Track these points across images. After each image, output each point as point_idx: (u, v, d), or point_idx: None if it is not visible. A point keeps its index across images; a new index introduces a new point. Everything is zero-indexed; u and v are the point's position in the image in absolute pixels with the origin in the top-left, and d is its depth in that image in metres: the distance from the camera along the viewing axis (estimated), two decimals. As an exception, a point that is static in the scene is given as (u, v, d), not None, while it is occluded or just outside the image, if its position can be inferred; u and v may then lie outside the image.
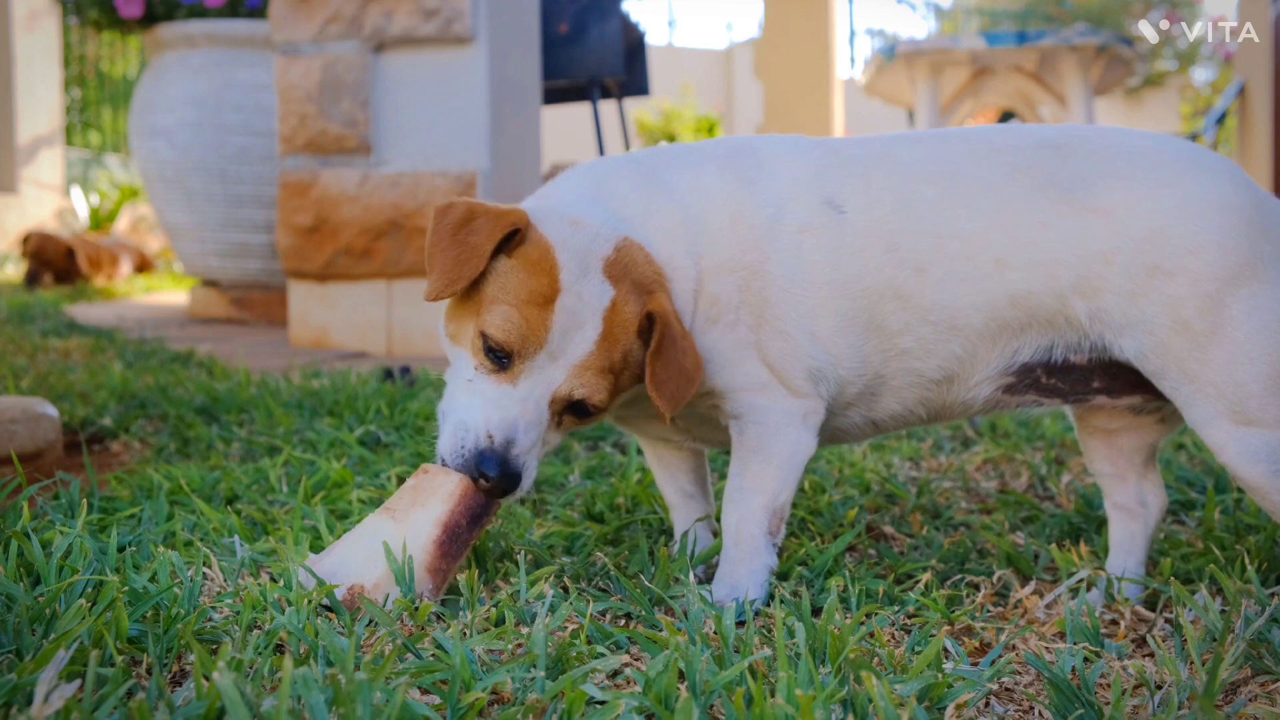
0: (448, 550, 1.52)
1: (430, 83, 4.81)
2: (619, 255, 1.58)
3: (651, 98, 8.07)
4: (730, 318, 1.66)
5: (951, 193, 1.63)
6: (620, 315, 1.56)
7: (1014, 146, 1.65)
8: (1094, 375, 1.65)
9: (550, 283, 1.54)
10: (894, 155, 1.69)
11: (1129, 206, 1.56)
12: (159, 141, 5.96)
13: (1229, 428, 1.54)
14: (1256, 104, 8.25)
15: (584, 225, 1.59)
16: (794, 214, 1.66)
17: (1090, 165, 1.60)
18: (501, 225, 1.54)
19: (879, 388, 1.71)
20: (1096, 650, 1.43)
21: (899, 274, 1.63)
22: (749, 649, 1.33)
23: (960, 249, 1.62)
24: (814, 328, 1.65)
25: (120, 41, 14.00)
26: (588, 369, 1.55)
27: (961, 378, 1.68)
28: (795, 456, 1.68)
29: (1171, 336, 1.53)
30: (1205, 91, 18.02)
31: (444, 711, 1.19)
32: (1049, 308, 1.60)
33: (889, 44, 7.78)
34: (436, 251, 1.56)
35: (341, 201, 4.86)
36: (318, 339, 5.02)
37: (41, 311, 6.12)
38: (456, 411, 1.57)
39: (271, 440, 2.64)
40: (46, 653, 1.19)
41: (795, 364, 1.66)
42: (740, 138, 1.79)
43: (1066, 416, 3.07)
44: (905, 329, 1.65)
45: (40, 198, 12.00)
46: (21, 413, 2.38)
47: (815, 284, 1.64)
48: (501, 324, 1.52)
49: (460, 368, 1.59)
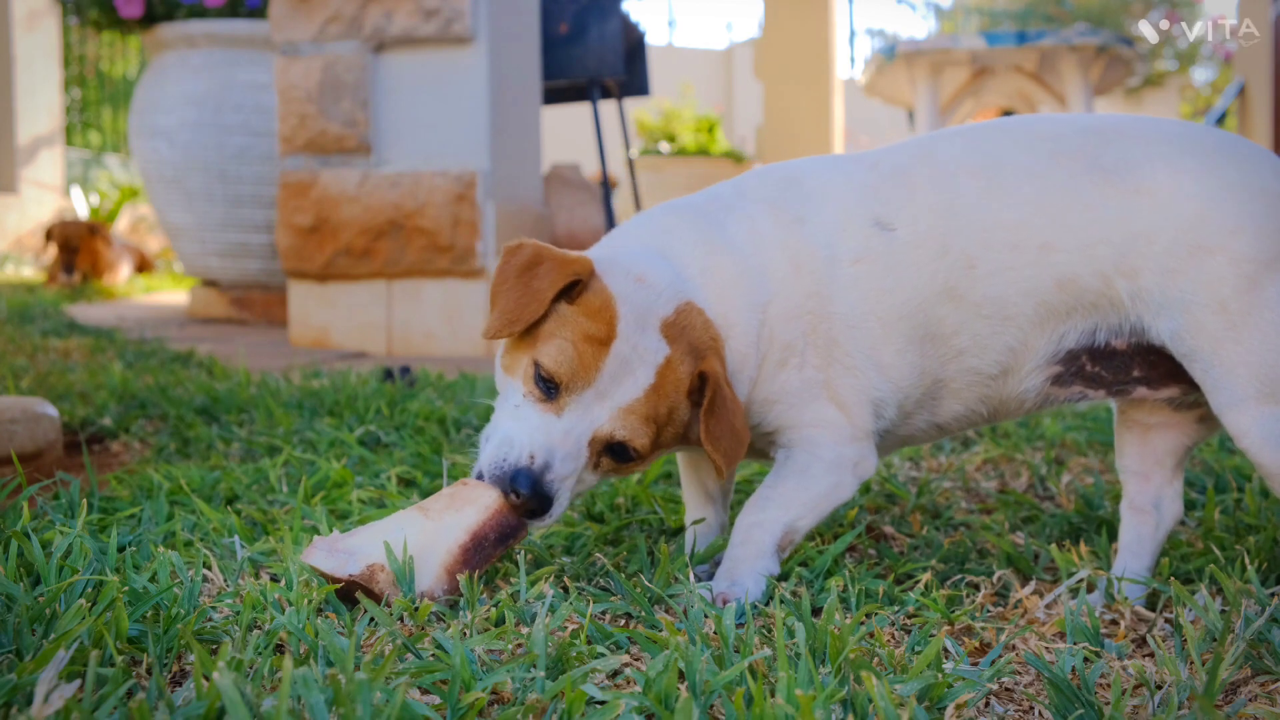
0: (470, 558, 1.53)
1: (430, 83, 4.80)
2: (678, 317, 1.61)
3: (651, 98, 8.07)
4: (798, 360, 1.69)
5: (994, 184, 1.66)
6: (673, 372, 1.59)
7: (1056, 133, 1.68)
8: (1134, 363, 1.67)
9: (608, 329, 1.57)
10: (934, 155, 1.71)
11: (1173, 188, 1.58)
12: (159, 141, 5.95)
13: (1255, 410, 1.55)
14: (1256, 104, 8.25)
15: (648, 283, 1.61)
16: (847, 247, 1.69)
17: (1135, 149, 1.63)
18: (565, 273, 1.57)
19: (939, 391, 1.74)
20: (1096, 650, 1.43)
21: (951, 276, 1.66)
22: (749, 649, 1.33)
23: (1007, 238, 1.64)
24: (879, 358, 1.69)
25: (120, 41, 14.00)
26: (633, 414, 1.58)
27: (1015, 369, 1.70)
28: (831, 495, 1.72)
29: (1208, 315, 1.55)
30: (1205, 91, 18.03)
31: (444, 711, 1.19)
32: (1094, 289, 1.63)
33: (889, 44, 7.78)
34: (500, 290, 1.59)
35: (341, 201, 4.86)
36: (318, 339, 5.02)
37: (41, 311, 6.12)
38: (502, 431, 1.60)
39: (271, 440, 2.65)
40: (46, 653, 1.19)
41: (861, 397, 1.70)
42: (784, 167, 1.81)
43: (1066, 417, 3.08)
44: (960, 329, 1.68)
45: (40, 198, 12.00)
46: (21, 413, 2.38)
47: (877, 314, 1.68)
48: (555, 354, 1.56)
49: (509, 395, 1.63)
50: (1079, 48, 7.37)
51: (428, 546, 1.54)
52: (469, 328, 4.82)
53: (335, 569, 1.51)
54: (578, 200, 6.39)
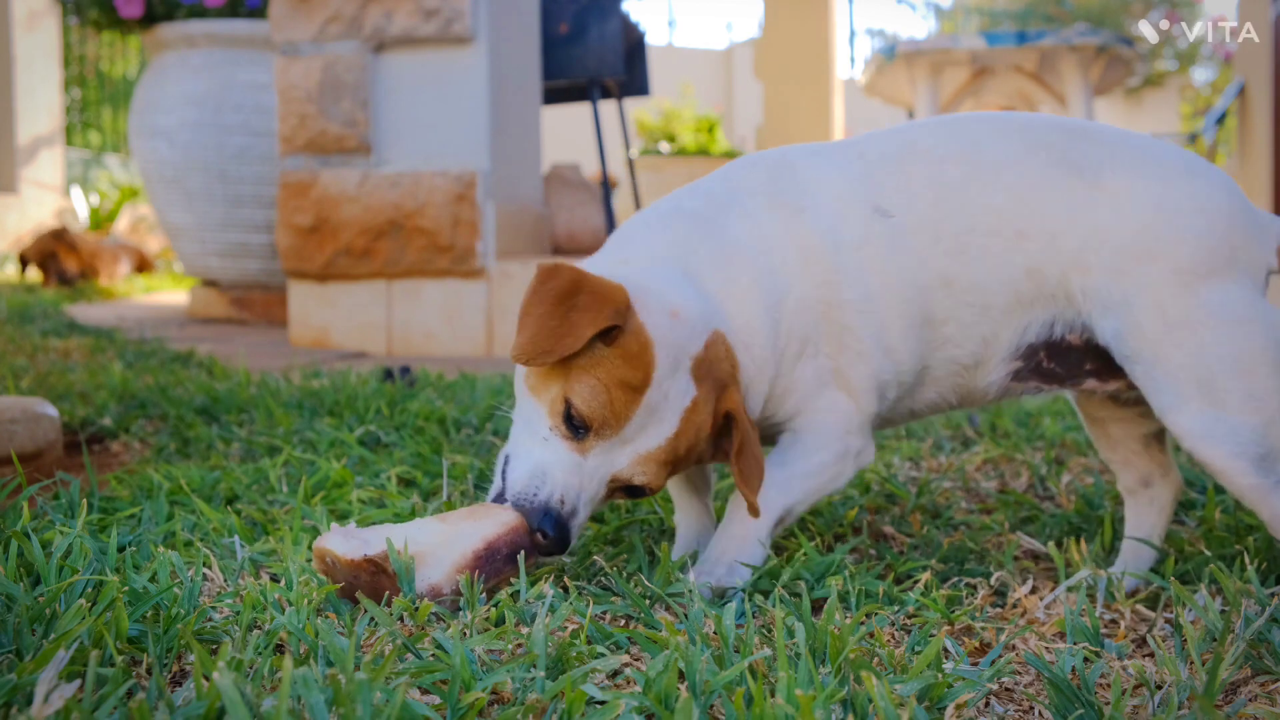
0: (481, 565, 1.54)
1: (430, 83, 4.81)
2: (707, 353, 1.61)
3: (651, 98, 8.07)
4: (813, 349, 1.71)
5: (976, 170, 1.70)
6: (698, 415, 1.60)
7: (1032, 124, 1.74)
8: (1086, 357, 1.72)
9: (644, 377, 1.56)
10: (917, 144, 1.74)
11: (1130, 192, 1.64)
12: (159, 141, 5.95)
13: (1195, 412, 1.60)
14: (1256, 104, 8.25)
15: (682, 318, 1.61)
16: (850, 233, 1.70)
17: (1100, 150, 1.68)
18: (606, 313, 1.54)
19: (924, 378, 1.77)
20: (1096, 650, 1.43)
21: (944, 262, 1.69)
22: (749, 649, 1.33)
23: (989, 223, 1.68)
24: (887, 341, 1.72)
25: (120, 41, 14.00)
26: (653, 460, 1.59)
27: (985, 361, 1.75)
28: (832, 484, 1.75)
29: (1147, 317, 1.61)
30: (1205, 91, 18.02)
31: (444, 711, 1.19)
32: (1053, 280, 1.67)
33: (889, 44, 7.78)
34: (533, 314, 1.54)
35: (341, 201, 4.86)
36: (318, 339, 5.02)
37: (41, 311, 6.12)
38: (535, 461, 1.59)
39: (271, 440, 2.64)
40: (46, 653, 1.19)
41: (870, 381, 1.73)
42: (770, 156, 1.82)
43: (1066, 417, 3.08)
44: (949, 317, 1.71)
45: (40, 198, 12.00)
46: (21, 413, 2.38)
47: (882, 298, 1.70)
48: (589, 399, 1.55)
49: (534, 420, 1.61)
50: (1079, 48, 7.38)
51: (443, 545, 1.55)
52: (469, 328, 4.82)
53: (350, 552, 1.52)
54: (578, 200, 6.39)
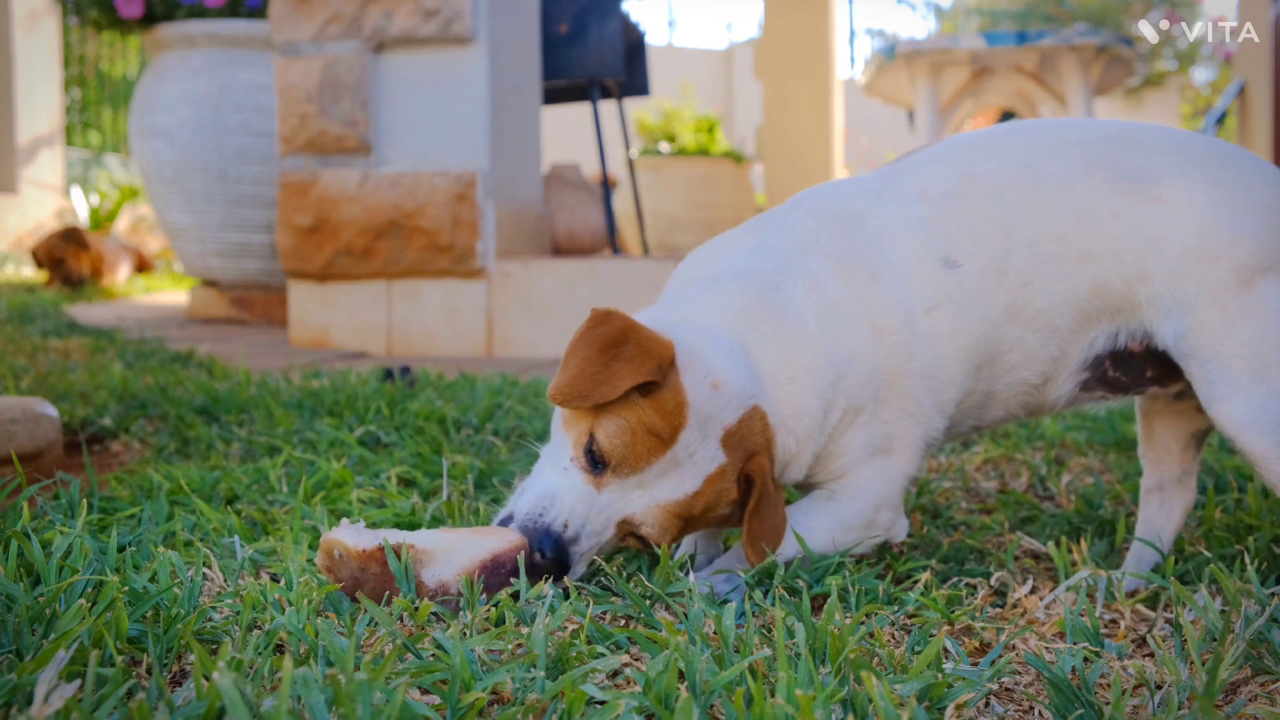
0: (486, 573, 1.55)
1: (430, 83, 4.81)
2: (740, 426, 1.62)
3: (651, 98, 8.06)
4: (866, 418, 1.71)
5: (1039, 197, 1.71)
6: (722, 480, 1.61)
7: (1084, 140, 1.75)
8: (1147, 364, 1.76)
9: (671, 432, 1.57)
10: (978, 175, 1.74)
11: (1188, 198, 1.68)
12: (159, 141, 5.95)
13: (1244, 399, 1.64)
14: (1256, 104, 8.25)
15: (722, 391, 1.61)
16: (921, 297, 1.70)
17: (1152, 159, 1.71)
18: (647, 367, 1.55)
19: (989, 401, 1.79)
20: (1096, 650, 1.43)
21: (1010, 297, 1.71)
22: (749, 649, 1.33)
23: (1053, 250, 1.70)
24: (942, 400, 1.73)
25: (120, 41, 13.99)
26: (667, 511, 1.60)
27: (1054, 377, 1.77)
28: (851, 549, 1.74)
29: (1209, 314, 1.65)
30: (1205, 91, 18.01)
31: (444, 711, 1.19)
32: (1119, 294, 1.70)
33: (889, 44, 7.78)
34: (577, 357, 1.57)
35: (341, 201, 4.86)
36: (318, 339, 5.02)
37: (41, 311, 6.12)
38: (548, 484, 1.61)
39: (271, 440, 2.64)
40: (46, 653, 1.19)
41: (920, 442, 1.74)
42: (837, 203, 1.78)
43: (1066, 417, 3.08)
44: (1016, 345, 1.73)
45: (40, 198, 11.99)
46: (21, 413, 2.38)
47: (950, 358, 1.71)
48: (613, 435, 1.56)
49: (559, 451, 1.63)
50: (1079, 48, 7.37)
51: (452, 550, 1.56)
52: (469, 328, 4.82)
53: (360, 543, 1.53)
54: (578, 200, 6.39)
